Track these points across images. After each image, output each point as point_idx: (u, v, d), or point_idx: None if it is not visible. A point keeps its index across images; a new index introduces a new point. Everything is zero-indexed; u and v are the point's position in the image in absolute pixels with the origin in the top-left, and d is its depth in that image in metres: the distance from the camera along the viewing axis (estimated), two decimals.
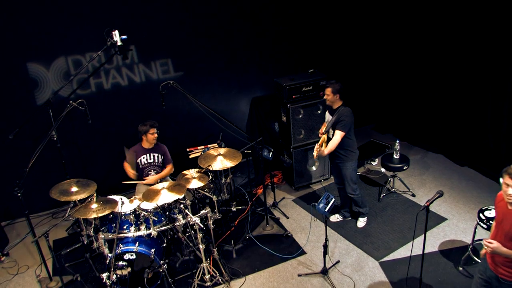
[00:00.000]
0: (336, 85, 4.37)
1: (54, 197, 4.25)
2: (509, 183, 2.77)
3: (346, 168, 4.60)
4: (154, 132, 4.77)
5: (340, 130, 4.36)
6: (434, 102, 6.18)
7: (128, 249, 4.07)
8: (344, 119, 4.35)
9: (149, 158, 4.87)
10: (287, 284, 4.23)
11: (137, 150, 4.85)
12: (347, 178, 4.64)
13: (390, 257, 4.45)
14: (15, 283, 4.55)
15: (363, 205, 4.86)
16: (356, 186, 4.71)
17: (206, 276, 4.17)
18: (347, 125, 4.36)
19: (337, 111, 4.43)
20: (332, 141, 4.41)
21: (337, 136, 4.39)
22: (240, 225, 5.07)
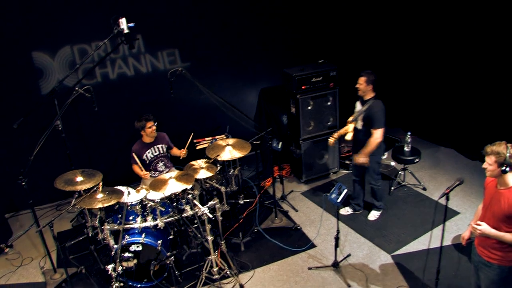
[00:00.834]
0: (371, 76, 4.26)
1: (59, 187, 4.16)
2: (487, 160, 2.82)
3: (371, 160, 4.45)
4: (151, 125, 4.64)
5: (377, 128, 4.25)
6: (444, 96, 6.05)
7: (134, 240, 3.98)
8: (377, 115, 4.24)
9: (154, 151, 4.77)
10: (297, 278, 4.13)
11: (140, 147, 4.73)
12: (370, 170, 4.54)
13: (402, 250, 4.34)
14: (18, 274, 4.47)
15: (380, 198, 4.75)
16: (379, 177, 4.64)
17: (214, 269, 4.08)
18: (381, 120, 4.25)
19: (368, 103, 4.31)
20: (372, 141, 4.29)
21: (376, 135, 4.28)
22: (248, 218, 4.97)
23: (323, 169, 5.67)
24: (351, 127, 4.55)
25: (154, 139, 4.74)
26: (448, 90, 5.99)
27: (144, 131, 4.64)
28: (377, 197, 4.76)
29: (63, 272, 4.30)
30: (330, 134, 5.29)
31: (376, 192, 4.72)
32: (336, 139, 4.64)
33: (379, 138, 4.31)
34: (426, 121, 6.46)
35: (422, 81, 6.30)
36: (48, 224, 3.76)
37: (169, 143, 4.92)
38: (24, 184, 3.94)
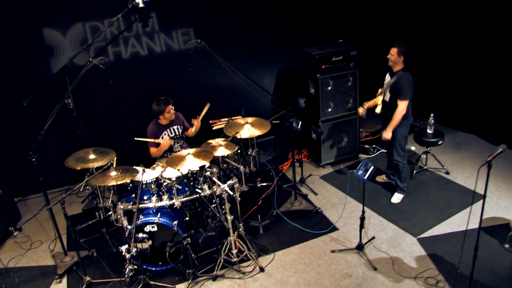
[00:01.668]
0: (402, 47, 4.19)
1: (70, 165, 4.01)
2: None
3: (396, 133, 4.36)
4: (171, 109, 4.46)
5: (402, 99, 4.17)
6: (464, 80, 5.85)
7: (149, 220, 3.81)
8: (403, 87, 4.17)
9: (170, 133, 4.59)
10: (319, 261, 3.95)
11: (156, 129, 4.53)
12: (396, 144, 4.42)
13: (428, 233, 4.16)
14: (28, 258, 4.31)
15: (403, 180, 4.58)
16: (404, 153, 4.50)
17: (233, 251, 3.92)
18: (407, 92, 4.17)
19: (396, 74, 4.24)
20: (397, 113, 4.22)
21: (401, 106, 4.19)
22: (266, 202, 4.79)
23: (342, 153, 5.48)
24: (380, 99, 4.46)
25: (171, 120, 4.57)
26: (468, 75, 5.79)
27: (162, 115, 4.44)
28: (401, 177, 4.57)
29: (74, 255, 4.15)
30: (350, 116, 5.29)
31: (400, 171, 4.54)
32: (366, 110, 4.51)
33: (403, 110, 4.20)
34: (445, 106, 6.25)
35: (441, 65, 6.10)
36: (59, 201, 3.57)
37: (185, 123, 4.74)
38: (34, 160, 3.78)
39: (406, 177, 4.63)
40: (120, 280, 3.84)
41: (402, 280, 3.65)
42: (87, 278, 3.80)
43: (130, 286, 3.76)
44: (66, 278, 3.99)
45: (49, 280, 3.97)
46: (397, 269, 3.76)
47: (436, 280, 3.60)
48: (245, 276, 3.82)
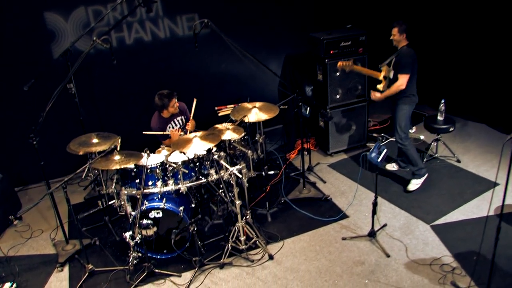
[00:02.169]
0: (402, 25, 4.17)
1: (73, 149, 3.86)
2: None
3: (399, 109, 4.30)
4: (174, 103, 4.29)
5: (402, 73, 4.10)
6: (473, 69, 5.72)
7: (154, 205, 3.68)
8: (404, 61, 4.10)
9: (175, 124, 4.47)
10: (330, 248, 3.82)
11: (160, 123, 4.38)
12: (396, 122, 4.32)
13: (441, 220, 4.03)
14: (28, 246, 4.19)
15: (415, 163, 4.42)
16: (405, 135, 4.35)
17: (241, 238, 3.78)
18: (407, 65, 4.09)
19: (399, 50, 4.18)
20: (394, 85, 4.16)
21: (400, 80, 4.12)
22: (273, 190, 4.65)
23: (351, 142, 5.36)
24: (382, 75, 4.32)
25: None
26: (477, 64, 5.66)
27: (166, 110, 4.27)
28: (411, 161, 4.42)
29: (76, 243, 4.03)
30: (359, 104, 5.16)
31: (406, 154, 4.40)
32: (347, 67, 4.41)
33: (403, 85, 4.13)
34: (454, 96, 6.11)
35: (451, 54, 5.97)
36: (61, 185, 3.44)
37: (187, 113, 4.58)
38: (35, 143, 3.65)
39: (415, 159, 4.43)
40: (124, 268, 3.71)
41: (417, 267, 3.52)
42: (89, 266, 3.68)
43: (134, 274, 3.62)
44: (68, 266, 3.86)
45: (50, 269, 3.85)
46: (411, 256, 3.63)
47: (452, 267, 3.47)
48: (253, 264, 3.69)
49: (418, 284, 3.35)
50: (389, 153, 4.79)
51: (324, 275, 3.52)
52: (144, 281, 3.58)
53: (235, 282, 3.54)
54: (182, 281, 3.57)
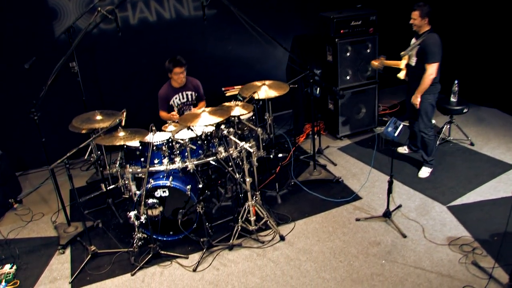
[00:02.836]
0: (424, 8, 3.85)
1: (75, 126, 3.73)
2: None
3: (423, 100, 4.05)
4: (179, 72, 4.17)
5: (431, 62, 3.85)
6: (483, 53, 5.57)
7: (160, 183, 3.52)
8: (431, 49, 3.84)
9: (181, 97, 4.33)
10: (344, 229, 3.66)
11: (167, 92, 4.31)
12: (422, 112, 4.09)
13: (458, 201, 3.88)
14: (29, 229, 4.04)
15: (430, 152, 4.26)
16: (431, 124, 4.17)
17: (251, 218, 3.62)
18: (436, 54, 3.84)
19: (422, 36, 3.90)
20: (425, 78, 3.91)
21: (430, 70, 3.88)
22: (282, 173, 4.50)
23: (360, 125, 5.22)
24: (404, 63, 4.17)
25: (184, 84, 4.31)
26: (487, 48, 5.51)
27: (171, 75, 4.21)
28: (427, 150, 4.26)
29: (78, 226, 3.87)
30: (369, 86, 5.01)
31: (427, 144, 4.23)
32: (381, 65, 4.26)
33: (433, 74, 3.89)
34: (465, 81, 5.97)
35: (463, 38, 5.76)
36: (63, 160, 3.25)
37: (200, 92, 4.44)
38: (36, 118, 3.49)
39: (432, 149, 4.29)
40: (128, 251, 3.55)
41: (435, 247, 3.37)
42: (92, 248, 3.52)
43: (139, 256, 3.47)
44: (69, 249, 3.70)
45: (51, 251, 3.69)
46: (428, 236, 3.48)
47: (472, 247, 3.32)
48: (264, 245, 3.54)
49: (438, 264, 3.21)
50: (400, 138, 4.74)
51: (339, 256, 3.37)
52: (149, 263, 3.43)
53: (246, 264, 3.38)
54: (190, 263, 3.41)
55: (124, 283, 3.29)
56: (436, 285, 3.03)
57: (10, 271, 3.42)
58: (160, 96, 4.27)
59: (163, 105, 4.31)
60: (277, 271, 3.28)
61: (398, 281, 3.10)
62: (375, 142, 4.98)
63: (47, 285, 3.33)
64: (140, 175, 3.71)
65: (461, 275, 3.10)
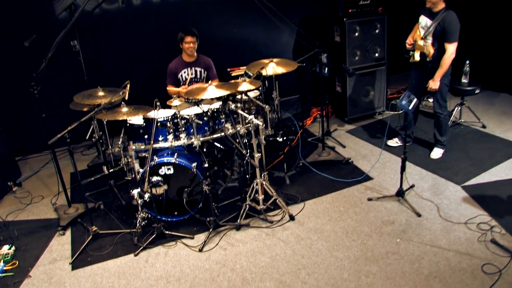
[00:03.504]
0: None
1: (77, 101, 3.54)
2: None
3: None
4: (190, 41, 4.11)
5: (451, 41, 3.68)
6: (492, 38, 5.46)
7: (164, 160, 3.37)
8: (451, 27, 3.66)
9: (190, 73, 4.22)
10: (356, 209, 3.53)
11: (176, 65, 4.22)
12: (437, 94, 3.94)
13: (473, 181, 3.76)
14: (28, 211, 3.90)
15: (444, 132, 4.13)
16: (445, 104, 4.02)
17: (260, 197, 3.48)
18: (455, 32, 3.67)
19: (439, 14, 3.71)
20: (446, 59, 3.73)
21: (450, 49, 3.71)
22: (289, 155, 4.34)
23: (368, 108, 5.11)
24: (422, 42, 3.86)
25: (195, 59, 4.22)
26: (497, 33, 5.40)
27: (182, 45, 4.14)
28: (441, 130, 4.12)
29: (79, 207, 3.73)
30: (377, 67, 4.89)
31: (441, 124, 4.10)
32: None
33: (453, 54, 3.74)
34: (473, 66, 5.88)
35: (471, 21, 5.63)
36: (63, 135, 3.05)
37: (212, 71, 4.35)
38: (36, 92, 3.34)
39: (446, 129, 4.16)
40: (131, 231, 3.41)
41: (452, 226, 3.23)
42: (93, 228, 3.37)
43: (142, 237, 3.33)
44: (70, 230, 3.55)
45: (51, 233, 3.55)
46: (444, 215, 3.35)
47: (490, 225, 3.18)
48: (273, 225, 3.40)
49: (455, 242, 3.07)
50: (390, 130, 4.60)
51: (352, 235, 3.24)
52: (153, 243, 3.29)
53: (254, 243, 3.24)
54: (195, 243, 3.27)
55: (127, 264, 3.14)
56: (455, 263, 2.90)
57: (8, 252, 3.29)
58: (169, 69, 4.19)
59: (171, 79, 4.23)
60: (287, 250, 3.15)
61: (415, 259, 2.96)
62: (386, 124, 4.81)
63: (47, 266, 3.19)
64: (144, 154, 3.56)
65: (480, 253, 2.96)
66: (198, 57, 4.25)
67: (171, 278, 2.98)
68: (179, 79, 4.22)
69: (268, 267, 3.00)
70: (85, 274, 3.08)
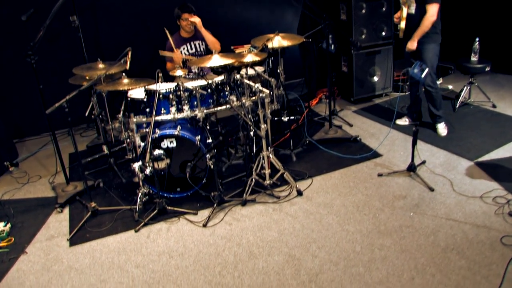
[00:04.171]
0: None
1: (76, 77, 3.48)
2: None
3: (426, 50, 3.76)
4: (187, 17, 3.97)
5: (431, 2, 3.56)
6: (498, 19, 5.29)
7: (167, 132, 3.23)
8: None
9: (190, 48, 4.09)
10: (366, 184, 3.40)
11: (176, 41, 4.06)
12: (428, 64, 3.72)
13: (486, 157, 3.62)
14: (25, 191, 3.76)
15: (439, 105, 3.99)
16: (436, 77, 3.90)
17: (266, 171, 3.33)
18: None
19: None
20: (425, 19, 3.62)
21: (430, 11, 3.59)
22: (295, 134, 4.23)
23: (375, 89, 4.98)
24: (405, 11, 3.78)
25: (193, 34, 4.09)
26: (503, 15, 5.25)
27: (179, 22, 4.01)
28: (436, 104, 3.96)
29: (77, 185, 3.59)
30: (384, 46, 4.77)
31: (434, 97, 3.93)
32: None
33: (434, 16, 3.62)
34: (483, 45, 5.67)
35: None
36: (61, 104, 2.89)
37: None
38: (33, 63, 3.20)
39: (440, 103, 4.00)
40: (132, 208, 3.28)
41: (466, 200, 3.09)
42: (92, 204, 3.23)
43: (143, 213, 3.19)
44: (68, 208, 3.42)
45: (49, 211, 3.41)
46: (458, 190, 3.21)
47: (506, 199, 3.05)
48: (280, 200, 3.27)
49: (472, 215, 2.93)
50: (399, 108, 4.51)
51: (363, 209, 3.10)
52: (154, 219, 3.15)
53: (261, 218, 3.10)
54: (199, 219, 3.13)
55: (127, 240, 3.00)
56: (472, 235, 2.76)
57: (4, 229, 3.14)
58: (168, 46, 4.02)
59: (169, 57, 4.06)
60: (296, 224, 3.01)
61: (430, 232, 2.82)
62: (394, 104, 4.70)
63: (43, 242, 3.05)
64: (145, 131, 3.40)
65: (498, 225, 2.82)
66: (195, 30, 4.11)
67: (173, 253, 2.84)
68: None
69: (276, 241, 2.87)
70: (83, 250, 2.94)
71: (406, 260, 2.61)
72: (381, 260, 2.62)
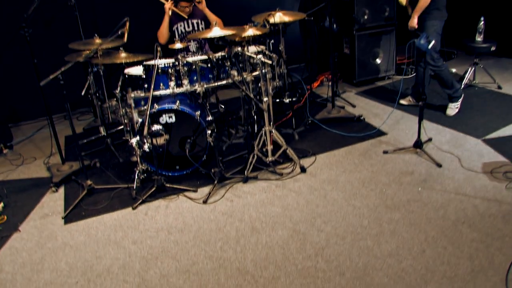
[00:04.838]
0: None
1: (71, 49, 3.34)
2: None
3: (426, 27, 3.65)
4: (185, 6, 3.84)
5: None
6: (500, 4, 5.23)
7: (166, 106, 3.11)
8: None
9: (187, 26, 3.97)
10: (371, 161, 3.29)
11: (173, 17, 3.93)
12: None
13: (493, 135, 3.52)
14: (19, 172, 3.65)
15: (450, 83, 3.84)
16: (437, 55, 3.73)
17: (268, 148, 3.21)
18: None
19: None
20: None
21: None
22: (297, 114, 4.11)
23: (377, 71, 4.88)
24: None
25: (191, 12, 3.94)
26: None
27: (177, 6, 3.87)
28: (446, 83, 3.83)
29: (73, 165, 3.47)
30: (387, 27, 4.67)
31: (442, 76, 3.80)
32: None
33: None
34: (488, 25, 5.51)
35: None
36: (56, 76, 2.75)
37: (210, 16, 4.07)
38: (27, 35, 3.11)
39: (451, 79, 3.85)
40: (129, 186, 3.17)
41: (476, 175, 2.99)
42: (88, 182, 3.11)
43: (141, 191, 3.08)
44: (63, 188, 3.30)
45: (43, 190, 3.30)
46: (466, 166, 3.11)
47: None
48: (283, 177, 3.16)
49: (482, 190, 2.83)
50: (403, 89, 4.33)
51: (369, 185, 2.99)
52: (153, 196, 3.04)
53: (263, 195, 2.99)
54: (199, 196, 3.02)
55: (124, 217, 2.89)
56: (483, 209, 2.66)
57: None
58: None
59: None
60: (300, 200, 2.90)
61: (439, 206, 2.72)
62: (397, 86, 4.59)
63: (37, 220, 2.94)
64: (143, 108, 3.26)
65: (510, 199, 2.71)
66: (193, 8, 3.97)
67: (172, 229, 2.73)
68: (174, 32, 3.93)
69: (280, 217, 2.76)
70: (79, 228, 2.82)
71: (416, 233, 2.50)
72: (390, 234, 2.52)
